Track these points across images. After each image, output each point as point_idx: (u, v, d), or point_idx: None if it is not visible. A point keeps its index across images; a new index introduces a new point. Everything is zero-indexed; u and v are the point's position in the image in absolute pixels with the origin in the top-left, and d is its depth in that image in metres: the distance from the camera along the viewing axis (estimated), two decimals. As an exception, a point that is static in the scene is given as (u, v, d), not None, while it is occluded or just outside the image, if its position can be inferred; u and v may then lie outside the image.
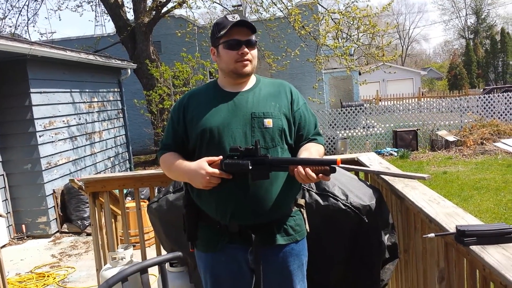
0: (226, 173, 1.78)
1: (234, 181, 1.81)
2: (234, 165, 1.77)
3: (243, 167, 1.75)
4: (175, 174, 1.99)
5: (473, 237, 1.53)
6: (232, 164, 1.78)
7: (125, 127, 10.80)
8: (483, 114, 13.29)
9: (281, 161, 1.80)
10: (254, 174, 1.77)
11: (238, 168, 1.76)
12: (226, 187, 1.83)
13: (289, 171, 1.77)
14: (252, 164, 1.74)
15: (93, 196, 3.48)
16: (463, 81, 36.14)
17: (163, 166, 2.04)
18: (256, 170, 1.76)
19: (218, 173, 1.78)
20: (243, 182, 1.82)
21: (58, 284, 4.96)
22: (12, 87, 6.69)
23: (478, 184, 7.85)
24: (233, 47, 1.88)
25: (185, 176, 1.90)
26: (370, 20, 12.08)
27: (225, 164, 1.79)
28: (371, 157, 3.33)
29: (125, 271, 1.80)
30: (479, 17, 48.81)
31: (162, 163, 2.04)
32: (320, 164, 1.71)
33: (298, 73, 16.69)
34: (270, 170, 1.77)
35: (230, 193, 1.84)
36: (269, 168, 1.76)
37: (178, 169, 1.92)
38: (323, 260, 2.34)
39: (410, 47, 61.12)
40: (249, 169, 1.75)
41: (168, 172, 2.03)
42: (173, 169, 1.96)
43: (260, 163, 1.75)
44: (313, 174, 1.68)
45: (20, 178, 6.78)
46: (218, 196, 1.86)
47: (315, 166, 1.70)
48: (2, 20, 14.96)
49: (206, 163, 1.81)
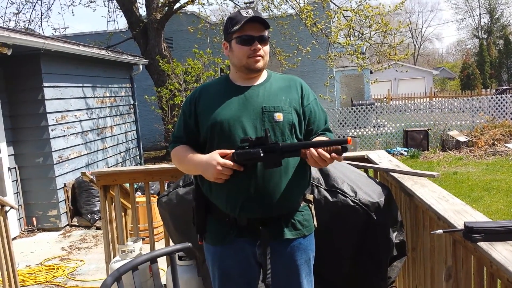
0: (237, 165, 1.79)
1: (245, 174, 1.82)
2: (246, 154, 1.78)
3: (254, 156, 1.76)
4: (187, 166, 2.00)
5: (481, 234, 1.53)
6: (244, 154, 1.78)
7: (136, 123, 10.86)
8: (495, 115, 13.18)
9: (292, 146, 1.80)
10: (266, 162, 1.77)
11: (249, 156, 1.77)
12: (236, 180, 1.84)
13: (301, 155, 1.76)
14: (264, 151, 1.75)
15: (104, 189, 3.51)
16: (476, 81, 35.81)
17: (175, 158, 2.04)
18: (268, 158, 1.76)
19: (229, 164, 1.79)
20: (254, 176, 1.84)
21: (68, 276, 5.01)
22: (26, 81, 6.76)
23: (488, 185, 7.79)
24: (246, 42, 1.89)
25: (197, 168, 1.91)
26: (383, 18, 12.01)
27: (237, 154, 1.79)
28: (381, 154, 3.33)
29: (135, 260, 1.83)
30: (493, 16, 48.31)
31: (173, 156, 2.05)
32: (331, 144, 1.70)
33: (309, 70, 16.65)
34: (282, 156, 1.77)
35: (240, 186, 1.86)
36: (280, 155, 1.76)
37: (190, 162, 1.94)
38: (331, 256, 2.35)
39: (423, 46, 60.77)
40: (260, 157, 1.75)
41: (180, 165, 2.04)
42: (185, 161, 1.97)
43: (271, 151, 1.75)
44: (326, 153, 1.68)
45: (32, 172, 6.85)
46: (229, 189, 1.87)
47: (327, 147, 1.70)
48: (16, 15, 15.11)
49: (218, 155, 1.82)
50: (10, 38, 5.75)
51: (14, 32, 6.15)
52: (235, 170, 1.81)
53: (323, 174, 2.49)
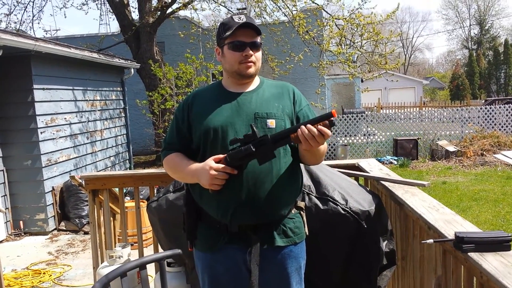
0: (230, 168, 1.78)
1: (236, 180, 1.81)
2: (237, 153, 1.77)
3: (246, 152, 1.75)
4: (181, 175, 1.98)
5: (472, 244, 1.54)
6: (235, 153, 1.78)
7: (126, 127, 10.81)
8: (484, 125, 13.30)
9: (281, 134, 1.78)
10: (259, 156, 1.76)
11: (241, 154, 1.76)
12: (228, 186, 1.83)
13: (292, 140, 1.74)
14: (254, 146, 1.75)
15: (93, 193, 3.48)
16: (465, 92, 36.21)
17: (168, 167, 2.02)
18: (260, 152, 1.75)
19: (222, 168, 1.78)
20: (245, 182, 1.83)
21: (54, 281, 4.95)
22: (15, 82, 6.71)
23: (477, 195, 7.85)
24: (238, 48, 1.89)
25: (192, 176, 1.89)
26: (374, 28, 12.10)
27: (229, 155, 1.79)
28: (371, 163, 3.34)
29: (124, 266, 1.81)
30: (483, 28, 48.93)
31: (166, 164, 2.02)
32: (318, 121, 1.70)
33: (301, 78, 16.71)
34: (274, 147, 1.76)
35: (231, 193, 1.85)
36: (272, 145, 1.75)
37: (185, 171, 1.92)
38: (321, 263, 2.34)
39: (413, 56, 61.32)
40: (253, 152, 1.74)
41: (174, 173, 2.01)
42: (179, 169, 1.95)
43: (262, 144, 1.75)
44: (313, 128, 1.67)
45: (20, 174, 6.78)
46: (220, 195, 1.86)
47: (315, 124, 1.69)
48: (7, 16, 14.99)
49: (212, 160, 1.82)
50: (1, 39, 5.71)
51: (4, 33, 6.10)
52: (231, 176, 1.80)
53: (314, 181, 2.49)
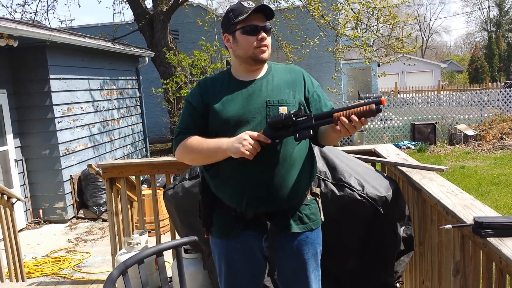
0: (264, 137, 1.74)
1: (252, 166, 1.79)
2: (278, 116, 1.74)
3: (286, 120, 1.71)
4: (204, 152, 1.87)
5: (491, 229, 1.51)
6: (276, 117, 1.74)
7: (142, 115, 10.87)
8: (503, 109, 13.08)
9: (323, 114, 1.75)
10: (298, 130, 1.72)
11: (281, 120, 1.72)
12: (242, 173, 1.82)
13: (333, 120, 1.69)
14: (295, 115, 1.71)
15: (110, 182, 3.51)
16: (484, 75, 35.52)
17: (188, 149, 1.91)
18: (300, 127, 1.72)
19: (257, 135, 1.74)
20: (260, 169, 1.82)
21: (74, 268, 5.03)
22: (32, 73, 6.77)
23: (496, 179, 7.74)
24: (252, 32, 1.87)
25: (220, 147, 1.81)
26: (390, 11, 11.93)
27: (269, 121, 1.75)
28: (389, 148, 3.30)
29: (142, 253, 1.82)
30: (502, 9, 47.81)
31: (184, 147, 1.92)
32: (365, 105, 1.65)
33: (316, 63, 16.57)
34: (314, 126, 1.72)
35: (245, 180, 1.84)
36: (312, 124, 1.71)
37: (210, 144, 1.85)
38: (338, 250, 2.33)
39: (431, 39, 60.27)
40: (293, 122, 1.71)
41: (195, 153, 1.91)
42: (203, 146, 1.86)
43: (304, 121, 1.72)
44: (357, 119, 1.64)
45: (38, 164, 6.88)
46: (234, 183, 1.86)
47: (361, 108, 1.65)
48: (22, 6, 15.11)
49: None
50: (17, 30, 5.75)
51: (20, 24, 6.15)
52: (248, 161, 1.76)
53: (330, 167, 2.47)
